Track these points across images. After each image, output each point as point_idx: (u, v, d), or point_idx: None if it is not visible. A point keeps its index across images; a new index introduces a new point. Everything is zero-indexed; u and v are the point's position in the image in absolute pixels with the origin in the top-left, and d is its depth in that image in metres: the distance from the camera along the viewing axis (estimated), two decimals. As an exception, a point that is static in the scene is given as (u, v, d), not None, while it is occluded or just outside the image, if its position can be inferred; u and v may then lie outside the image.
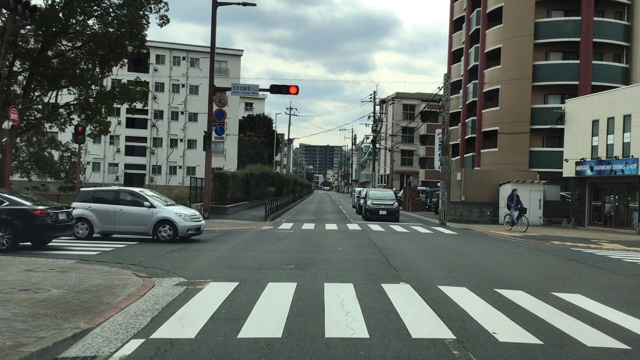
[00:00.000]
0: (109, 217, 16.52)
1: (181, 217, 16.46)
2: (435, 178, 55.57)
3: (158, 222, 16.31)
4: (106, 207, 16.61)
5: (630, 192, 27.34)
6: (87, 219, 16.58)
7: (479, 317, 7.51)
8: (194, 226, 16.75)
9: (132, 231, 16.66)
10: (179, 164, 68.72)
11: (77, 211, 16.51)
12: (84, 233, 16.59)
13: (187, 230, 16.49)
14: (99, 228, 16.68)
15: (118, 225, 16.62)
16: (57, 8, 26.25)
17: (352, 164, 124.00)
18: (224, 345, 5.92)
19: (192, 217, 16.93)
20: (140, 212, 16.43)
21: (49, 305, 7.19)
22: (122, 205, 16.62)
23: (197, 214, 17.58)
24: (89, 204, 16.77)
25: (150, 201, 16.64)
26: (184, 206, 19.57)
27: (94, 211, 16.61)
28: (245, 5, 27.22)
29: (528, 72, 40.29)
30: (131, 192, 17.31)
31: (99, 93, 30.46)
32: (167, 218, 16.34)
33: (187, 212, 17.08)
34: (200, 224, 17.13)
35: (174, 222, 16.30)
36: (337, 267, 11.92)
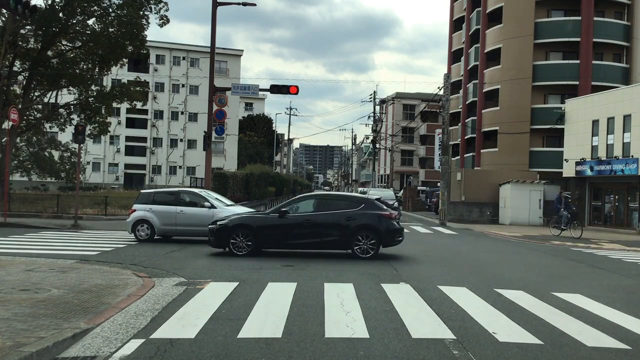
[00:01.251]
0: (170, 219, 16.21)
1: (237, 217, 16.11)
2: (435, 178, 55.59)
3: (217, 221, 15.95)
4: (167, 208, 16.32)
5: (630, 192, 27.35)
6: (148, 220, 16.31)
7: (479, 317, 7.50)
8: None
9: (192, 232, 16.28)
10: (179, 164, 68.72)
11: (137, 213, 16.42)
12: (145, 235, 16.33)
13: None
14: (160, 230, 16.37)
15: (179, 227, 16.30)
16: (57, 8, 26.28)
17: (352, 164, 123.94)
18: (224, 345, 5.92)
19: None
20: (201, 213, 16.08)
21: (49, 305, 7.18)
22: (182, 207, 16.34)
23: (249, 212, 16.85)
24: (149, 205, 16.48)
25: (211, 202, 16.37)
26: (245, 207, 18.87)
27: (155, 213, 16.31)
28: (245, 5, 27.18)
29: (528, 72, 40.29)
30: (192, 193, 17.04)
31: (99, 93, 30.48)
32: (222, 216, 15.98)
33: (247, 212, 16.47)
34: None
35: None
36: (337, 267, 11.92)
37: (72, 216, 21.90)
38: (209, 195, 17.12)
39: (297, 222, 13.43)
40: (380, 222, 13.24)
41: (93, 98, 29.94)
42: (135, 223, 16.47)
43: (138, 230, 16.37)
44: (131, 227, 16.54)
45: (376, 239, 13.19)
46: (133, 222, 16.52)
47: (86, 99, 29.85)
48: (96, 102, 29.83)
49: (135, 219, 16.49)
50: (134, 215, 16.58)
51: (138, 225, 16.36)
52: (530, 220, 30.12)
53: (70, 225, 20.12)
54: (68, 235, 17.51)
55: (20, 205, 25.19)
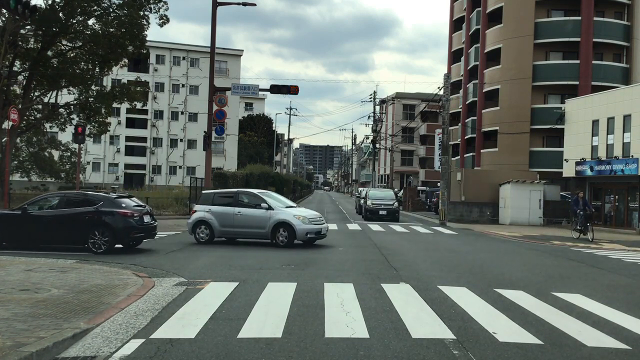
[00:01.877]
0: (228, 220, 15.84)
1: (299, 220, 15.39)
2: (435, 178, 55.59)
3: (276, 225, 15.41)
4: (226, 209, 15.94)
5: (630, 192, 27.34)
6: (207, 222, 15.99)
7: (479, 317, 7.51)
8: (314, 229, 15.57)
9: (250, 234, 15.92)
10: (179, 164, 68.71)
11: (197, 214, 16.19)
12: (204, 237, 16.08)
13: (306, 233, 15.41)
14: (219, 231, 16.03)
15: (237, 229, 15.90)
16: (57, 8, 26.26)
17: (352, 164, 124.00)
18: (224, 345, 5.92)
19: (313, 220, 15.75)
20: (258, 215, 15.60)
21: (49, 305, 7.18)
22: (240, 208, 15.87)
23: (318, 216, 16.32)
24: (209, 206, 16.20)
25: (268, 203, 15.79)
26: (306, 209, 18.17)
27: (214, 214, 16.00)
28: (245, 5, 27.21)
29: (528, 72, 40.28)
30: (249, 194, 16.56)
31: (99, 93, 30.49)
32: (284, 221, 15.36)
33: (306, 214, 15.90)
34: (321, 227, 15.87)
35: (292, 225, 15.31)
36: (337, 267, 11.92)
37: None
38: (268, 196, 16.61)
39: (40, 220, 13.68)
40: (115, 219, 13.38)
41: (93, 98, 29.93)
42: (195, 224, 16.19)
43: (198, 232, 16.11)
44: (191, 229, 16.29)
45: (110, 236, 13.33)
46: (193, 224, 16.24)
47: (86, 99, 29.85)
48: (96, 102, 29.82)
49: (195, 220, 16.20)
50: (194, 217, 16.31)
51: (198, 227, 16.10)
52: (530, 220, 30.11)
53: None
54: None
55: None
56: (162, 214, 26.68)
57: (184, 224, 22.88)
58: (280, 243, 15.33)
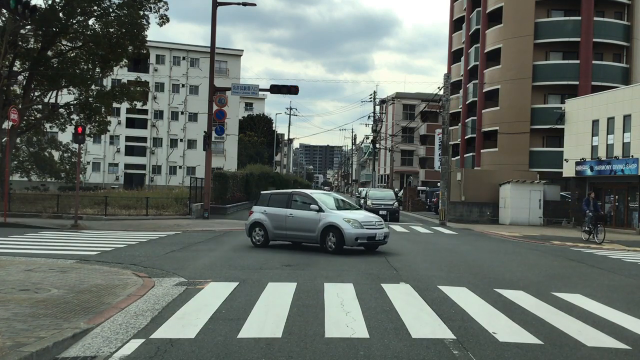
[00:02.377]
0: (281, 222, 15.14)
1: (349, 223, 14.03)
2: (435, 178, 55.59)
3: (325, 228, 14.27)
4: (279, 211, 15.22)
5: (630, 192, 27.35)
6: (262, 224, 15.44)
7: (479, 317, 7.51)
8: (365, 234, 14.13)
9: (301, 238, 15.08)
10: (179, 164, 68.71)
11: (254, 215, 15.72)
12: (259, 239, 15.52)
13: (356, 238, 14.02)
14: (272, 234, 15.37)
15: (288, 232, 15.13)
16: (57, 8, 26.27)
17: (352, 164, 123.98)
18: (224, 345, 5.92)
19: (366, 223, 14.36)
20: (308, 217, 14.62)
21: (49, 305, 7.18)
22: (293, 209, 15.02)
23: (374, 220, 14.79)
24: (264, 207, 15.62)
25: (319, 204, 14.62)
26: (364, 211, 16.72)
27: (268, 215, 15.39)
28: (245, 5, 27.23)
29: (528, 72, 40.30)
30: (301, 194, 15.59)
31: (99, 93, 30.50)
32: (332, 224, 14.13)
33: (358, 217, 14.48)
34: (375, 232, 14.39)
35: (340, 228, 14.00)
36: (337, 267, 11.92)
37: (72, 216, 21.89)
38: (323, 197, 15.58)
39: None
40: None
41: (93, 98, 29.94)
42: (251, 226, 15.71)
43: (253, 234, 15.63)
44: (248, 230, 15.86)
45: None
46: (249, 225, 15.79)
47: (86, 99, 29.86)
48: (96, 102, 29.83)
49: (251, 222, 15.70)
50: (251, 218, 15.83)
51: (253, 229, 15.63)
52: (530, 220, 30.12)
53: (70, 225, 20.11)
54: (68, 235, 17.50)
55: (20, 205, 25.18)
56: (162, 214, 26.68)
57: (184, 224, 22.92)
58: (329, 249, 14.22)
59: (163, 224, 22.68)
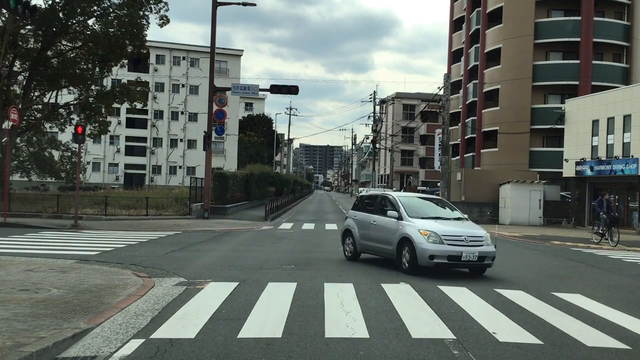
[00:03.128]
0: (366, 231, 12.88)
1: (425, 237, 10.89)
2: (435, 178, 55.58)
3: (400, 240, 11.49)
4: (366, 216, 13.02)
5: (630, 192, 27.35)
6: (351, 232, 13.30)
7: (479, 317, 7.51)
8: (445, 252, 10.73)
9: (381, 252, 12.44)
10: (179, 164, 68.73)
11: (346, 221, 13.73)
12: (349, 252, 13.33)
13: (430, 256, 10.73)
14: (360, 245, 13.02)
15: (370, 242, 12.69)
16: (57, 8, 26.26)
17: (352, 164, 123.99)
18: (224, 345, 5.92)
19: (449, 239, 10.90)
20: (387, 226, 12.08)
21: (49, 305, 7.18)
22: (377, 215, 12.62)
23: (464, 235, 11.05)
24: (356, 212, 13.63)
25: (399, 210, 11.89)
26: (467, 222, 12.32)
27: (357, 222, 13.28)
28: (245, 5, 27.23)
29: (528, 72, 40.31)
30: (386, 197, 12.99)
31: (99, 93, 30.50)
32: (407, 236, 11.25)
33: (438, 229, 11.08)
34: (461, 250, 10.77)
35: (413, 242, 11.04)
36: (337, 267, 11.92)
37: (72, 216, 21.88)
38: (410, 202, 12.63)
39: None
40: None
41: (93, 98, 29.94)
42: (342, 235, 13.67)
43: (345, 245, 13.53)
44: (341, 240, 13.84)
45: None
46: (342, 234, 13.79)
47: (86, 99, 29.86)
48: (96, 102, 29.83)
49: (342, 230, 13.70)
50: (343, 225, 13.90)
51: (345, 239, 13.53)
52: (530, 220, 30.12)
53: (70, 225, 20.10)
54: (68, 235, 17.49)
55: (20, 205, 25.17)
56: (162, 214, 26.68)
57: (184, 224, 22.92)
58: (403, 266, 11.39)
59: (163, 224, 22.67)
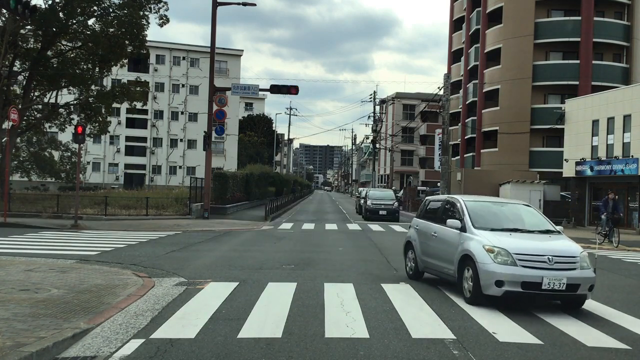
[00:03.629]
0: (426, 245, 10.29)
1: (491, 255, 8.11)
2: (435, 178, 55.55)
3: (462, 258, 8.75)
4: (427, 226, 10.39)
5: (630, 192, 27.34)
6: (412, 244, 10.76)
7: (479, 317, 7.51)
8: (517, 276, 7.83)
9: (441, 271, 9.67)
10: (179, 164, 68.72)
11: (409, 231, 11.38)
12: (411, 268, 10.83)
13: (498, 282, 7.92)
14: (421, 262, 10.37)
15: (429, 258, 10.10)
16: (57, 8, 26.27)
17: (352, 164, 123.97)
18: (224, 345, 5.92)
19: (524, 258, 8.00)
20: (448, 239, 9.42)
21: (49, 305, 7.18)
22: (440, 225, 9.85)
23: (547, 254, 8.08)
24: (419, 219, 11.01)
25: (464, 219, 9.14)
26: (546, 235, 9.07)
27: (419, 232, 10.69)
28: (245, 5, 27.22)
29: (528, 72, 40.30)
30: (448, 202, 10.27)
31: (99, 93, 30.52)
32: (468, 253, 8.52)
33: (514, 246, 8.19)
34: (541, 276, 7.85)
35: (475, 261, 8.28)
36: (337, 267, 11.92)
37: (72, 216, 21.87)
38: (482, 208, 9.68)
39: None
40: None
41: (93, 98, 29.95)
42: (405, 247, 11.27)
43: (406, 259, 11.14)
44: (403, 252, 11.41)
45: None
46: (404, 245, 11.38)
47: (86, 99, 29.87)
48: (96, 102, 29.85)
49: (405, 241, 11.32)
50: (406, 235, 11.50)
51: (407, 252, 11.10)
52: (530, 220, 30.08)
53: (70, 225, 20.10)
54: (68, 235, 17.49)
55: (20, 205, 25.17)
56: (162, 214, 26.68)
57: (184, 224, 22.91)
58: (465, 294, 8.55)
59: (163, 224, 22.66)
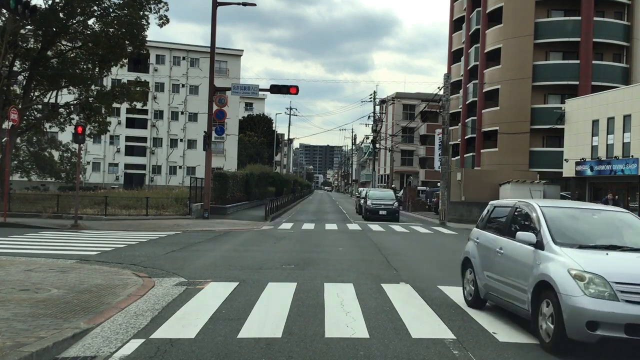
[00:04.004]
0: (489, 265, 7.93)
1: (580, 283, 5.88)
2: (435, 178, 55.56)
3: (536, 286, 6.47)
4: (490, 240, 8.09)
5: (630, 192, 27.34)
6: (472, 263, 8.42)
7: (479, 317, 7.51)
8: (622, 317, 5.63)
9: (508, 300, 7.25)
10: (179, 164, 68.72)
11: (467, 245, 8.92)
12: (469, 292, 8.40)
13: (590, 324, 5.70)
14: (482, 286, 7.97)
15: (496, 284, 7.61)
16: (57, 8, 26.27)
17: (352, 164, 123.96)
18: (224, 345, 5.92)
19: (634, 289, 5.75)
20: (518, 257, 7.15)
21: (49, 305, 7.18)
22: (506, 238, 7.66)
23: None
24: (480, 230, 8.65)
25: (541, 230, 6.89)
26: None
27: (480, 247, 8.35)
28: (245, 5, 27.21)
29: (528, 72, 40.30)
30: (518, 208, 7.86)
31: (99, 93, 30.51)
32: (546, 278, 6.29)
33: (614, 271, 5.96)
34: None
35: (557, 292, 6.03)
36: (337, 267, 11.92)
37: (72, 216, 21.87)
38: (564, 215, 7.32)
39: None
40: None
41: (93, 98, 29.94)
42: (462, 265, 8.88)
43: (464, 279, 8.70)
44: (461, 271, 8.98)
45: None
46: (461, 262, 8.96)
47: (86, 99, 29.86)
48: (96, 102, 29.84)
49: (463, 257, 8.94)
50: (464, 249, 9.03)
51: (464, 271, 8.75)
52: (530, 220, 30.08)
53: (70, 225, 20.10)
54: (68, 235, 17.49)
55: (20, 205, 25.17)
56: (162, 214, 26.68)
57: (184, 224, 22.91)
58: (544, 338, 6.23)
59: (163, 224, 22.66)
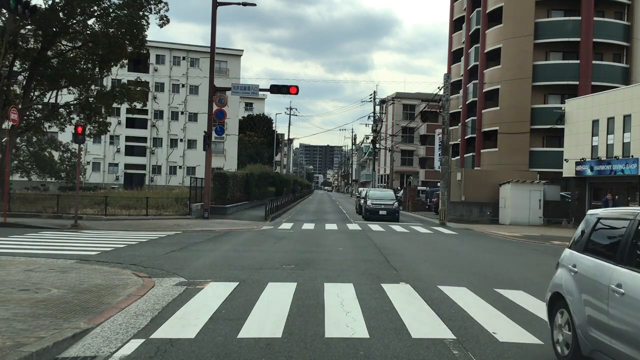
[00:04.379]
0: (598, 308, 4.94)
1: None
2: (435, 178, 55.56)
3: None
4: (598, 269, 5.16)
5: (630, 192, 27.32)
6: (566, 302, 5.59)
7: (479, 317, 7.51)
8: None
9: None
10: (179, 164, 68.71)
11: (557, 274, 6.09)
12: (563, 342, 5.60)
13: None
14: (585, 337, 5.12)
15: (608, 338, 4.70)
16: (57, 8, 26.26)
17: (352, 164, 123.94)
18: (224, 345, 5.92)
19: None
20: None
21: (49, 305, 7.18)
22: (625, 269, 4.66)
23: None
24: (578, 254, 5.79)
25: None
26: None
27: (578, 281, 5.49)
28: (245, 5, 27.22)
29: (528, 72, 40.28)
30: None
31: (99, 93, 30.51)
32: None
33: None
34: None
35: None
36: (337, 267, 11.92)
37: (72, 216, 21.88)
38: None
39: None
40: None
41: (93, 98, 29.94)
42: (550, 302, 6.10)
43: (555, 320, 5.90)
44: (547, 310, 6.20)
45: None
46: (548, 299, 6.14)
47: (86, 99, 29.86)
48: (96, 102, 29.83)
49: (551, 290, 6.09)
50: (553, 279, 6.22)
51: (552, 308, 6.03)
52: (530, 220, 30.08)
53: (70, 225, 20.10)
54: (68, 235, 17.50)
55: (20, 205, 25.18)
56: (162, 214, 26.69)
57: (184, 224, 22.91)
58: None
59: (163, 224, 22.67)
